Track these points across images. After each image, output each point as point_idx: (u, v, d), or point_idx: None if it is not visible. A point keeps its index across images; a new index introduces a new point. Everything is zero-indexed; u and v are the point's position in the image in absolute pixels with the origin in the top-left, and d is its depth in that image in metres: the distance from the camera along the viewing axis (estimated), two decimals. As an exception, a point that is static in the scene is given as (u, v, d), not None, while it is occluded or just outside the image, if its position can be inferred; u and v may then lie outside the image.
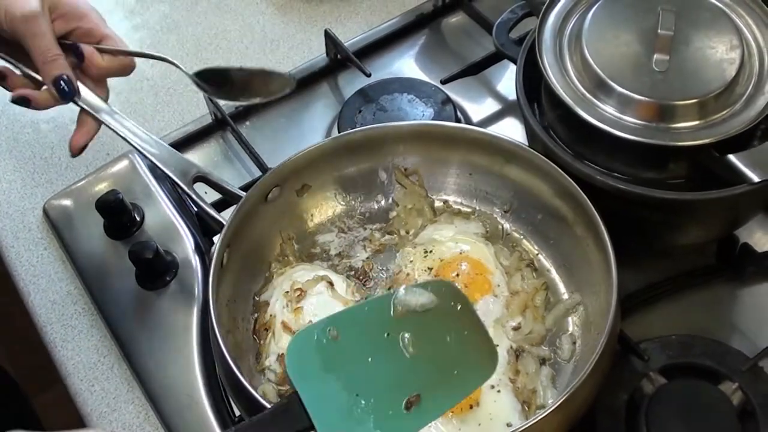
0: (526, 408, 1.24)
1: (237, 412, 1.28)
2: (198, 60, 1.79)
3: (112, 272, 1.45)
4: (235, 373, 1.15)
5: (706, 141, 1.23)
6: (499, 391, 1.24)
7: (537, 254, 1.39)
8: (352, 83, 1.70)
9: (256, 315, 1.34)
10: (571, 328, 1.32)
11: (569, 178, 1.28)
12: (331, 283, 1.32)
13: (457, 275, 1.33)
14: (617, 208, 1.25)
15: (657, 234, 1.36)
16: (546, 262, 1.38)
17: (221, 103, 1.63)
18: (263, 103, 1.67)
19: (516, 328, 1.31)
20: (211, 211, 1.38)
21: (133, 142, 1.36)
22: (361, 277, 1.39)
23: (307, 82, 1.71)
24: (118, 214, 1.46)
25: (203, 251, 1.45)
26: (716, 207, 1.27)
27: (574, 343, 1.31)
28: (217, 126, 1.65)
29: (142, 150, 1.36)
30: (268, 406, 1.11)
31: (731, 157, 1.22)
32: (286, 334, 1.28)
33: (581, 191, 1.26)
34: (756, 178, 1.20)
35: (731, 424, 1.19)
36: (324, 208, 1.45)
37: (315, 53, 1.77)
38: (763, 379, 1.24)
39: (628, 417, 1.22)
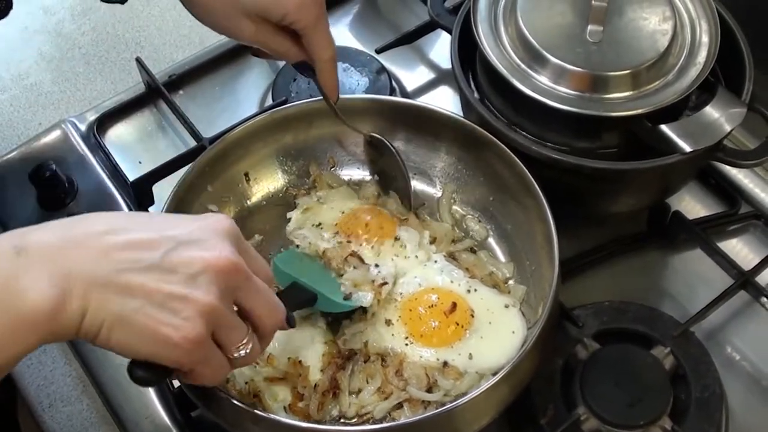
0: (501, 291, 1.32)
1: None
2: (131, 27, 1.77)
3: (46, 244, 1.43)
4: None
5: (639, 111, 1.25)
6: (476, 290, 1.30)
7: (479, 222, 1.40)
8: (286, 51, 1.68)
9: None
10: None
11: (506, 148, 1.29)
12: None
13: (366, 225, 1.36)
14: (551, 177, 1.27)
15: (590, 202, 1.38)
16: (483, 231, 1.39)
17: (154, 70, 1.61)
18: (197, 72, 1.67)
19: (432, 241, 1.37)
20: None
21: None
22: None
23: (242, 50, 1.69)
24: (52, 186, 1.45)
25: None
26: (648, 176, 1.29)
27: (480, 221, 1.40)
28: (151, 95, 1.63)
29: None
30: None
31: (663, 127, 1.24)
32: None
33: (519, 161, 1.28)
34: (687, 148, 1.22)
35: (663, 388, 1.21)
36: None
37: (249, 21, 1.75)
38: (694, 343, 1.27)
39: (563, 382, 1.24)
